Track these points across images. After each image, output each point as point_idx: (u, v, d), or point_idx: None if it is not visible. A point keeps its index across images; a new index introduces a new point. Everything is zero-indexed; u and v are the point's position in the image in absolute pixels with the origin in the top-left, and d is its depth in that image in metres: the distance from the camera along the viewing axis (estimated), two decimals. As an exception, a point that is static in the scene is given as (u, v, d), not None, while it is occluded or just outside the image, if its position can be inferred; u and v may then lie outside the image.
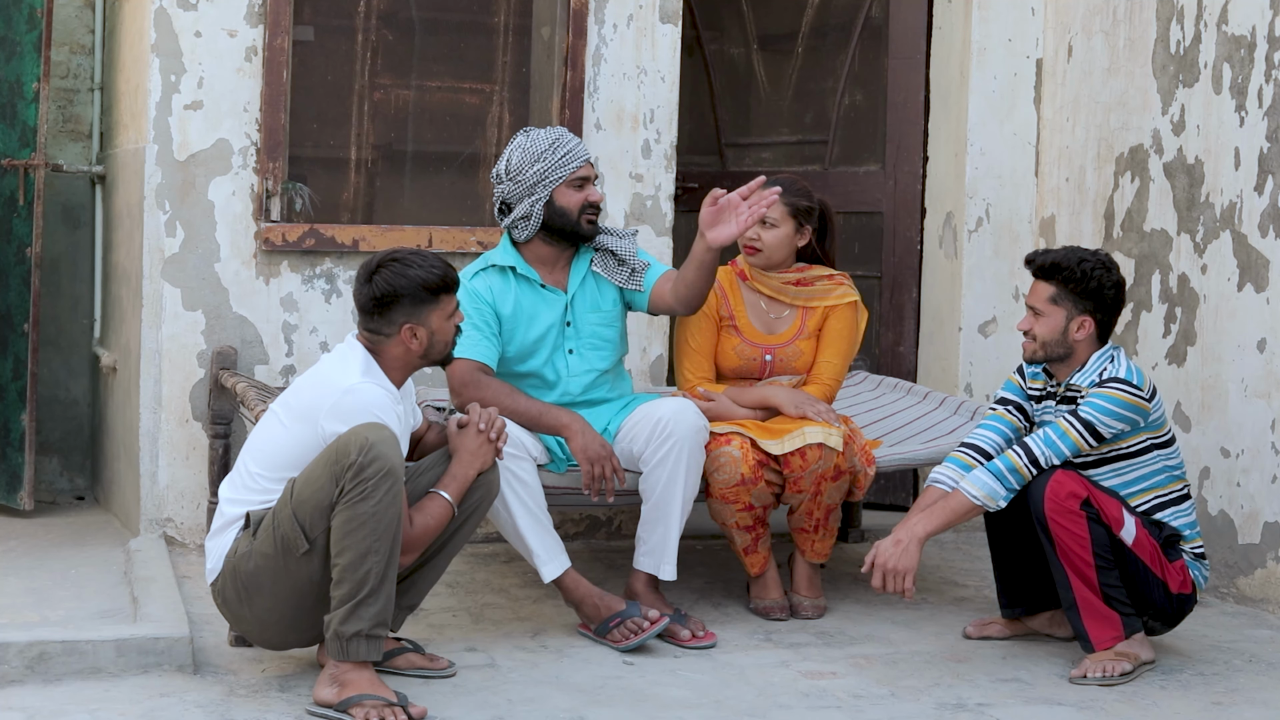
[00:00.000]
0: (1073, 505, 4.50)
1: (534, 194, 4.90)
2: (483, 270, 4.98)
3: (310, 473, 4.10)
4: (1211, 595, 5.42)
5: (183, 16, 5.50)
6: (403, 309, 4.23)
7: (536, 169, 4.89)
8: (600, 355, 5.02)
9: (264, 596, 4.15)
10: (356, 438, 4.03)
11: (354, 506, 4.02)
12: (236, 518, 4.22)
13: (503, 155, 4.96)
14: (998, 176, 6.37)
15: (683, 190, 6.54)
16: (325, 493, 4.05)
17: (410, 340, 4.25)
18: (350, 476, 4.01)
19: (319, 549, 4.09)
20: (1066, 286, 4.66)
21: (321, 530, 4.07)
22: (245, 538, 4.17)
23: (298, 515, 4.07)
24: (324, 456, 4.08)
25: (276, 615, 4.18)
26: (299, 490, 4.09)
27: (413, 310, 4.24)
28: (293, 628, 4.23)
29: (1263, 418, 5.27)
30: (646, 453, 4.84)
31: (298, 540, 4.07)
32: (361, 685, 4.05)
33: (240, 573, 4.16)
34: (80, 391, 6.65)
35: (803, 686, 4.45)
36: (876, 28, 6.61)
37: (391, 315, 4.23)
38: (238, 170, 5.57)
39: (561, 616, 4.96)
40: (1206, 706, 4.38)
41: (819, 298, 5.24)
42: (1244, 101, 5.38)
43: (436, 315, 4.27)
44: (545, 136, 4.93)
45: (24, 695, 4.13)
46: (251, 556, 4.13)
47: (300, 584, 4.13)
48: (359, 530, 4.02)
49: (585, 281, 5.01)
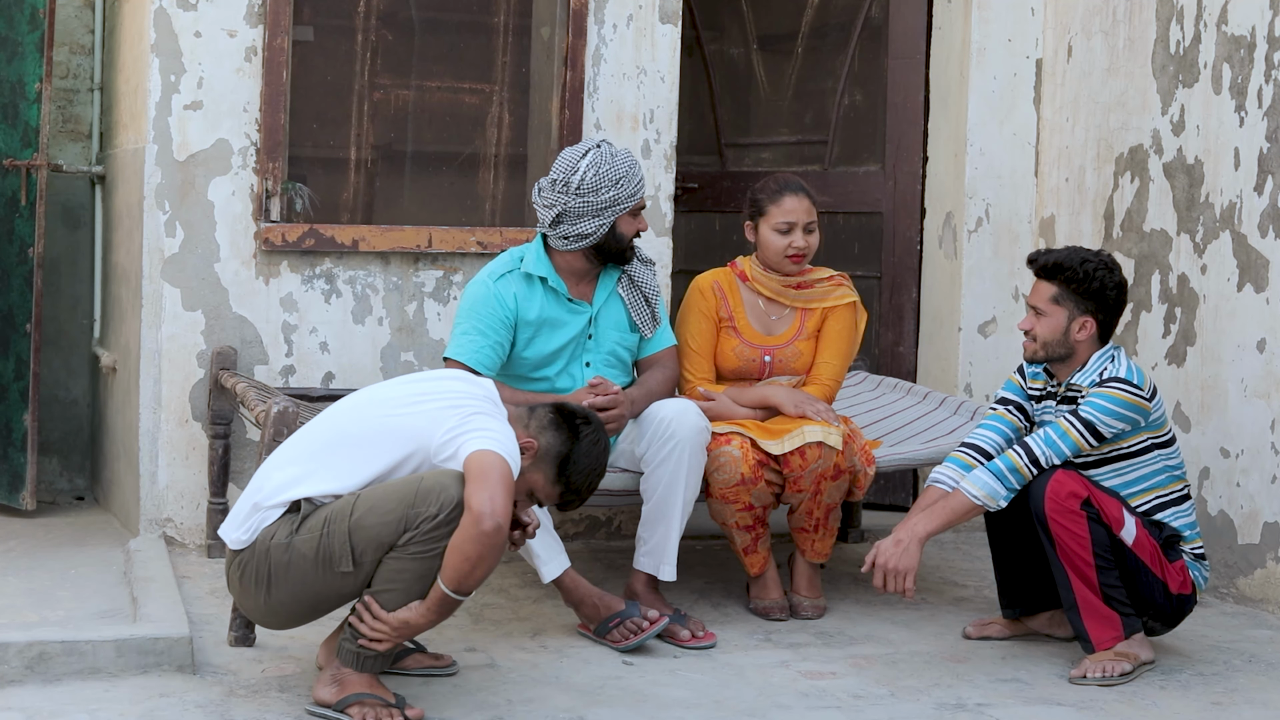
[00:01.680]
0: (1073, 505, 4.50)
1: (601, 217, 4.88)
2: (510, 273, 4.95)
3: (380, 502, 3.96)
4: (1211, 595, 5.42)
5: (182, 16, 5.50)
6: (546, 455, 4.13)
7: (611, 194, 4.87)
8: (614, 373, 5.02)
9: (284, 590, 4.04)
10: (443, 491, 3.91)
11: (415, 560, 3.92)
12: (293, 500, 4.05)
13: (570, 163, 4.89)
14: (997, 176, 6.37)
15: (682, 190, 6.55)
16: (390, 530, 3.93)
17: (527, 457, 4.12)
18: (423, 531, 3.90)
19: (363, 574, 3.99)
20: (1068, 286, 4.66)
21: (372, 560, 3.97)
22: (287, 525, 4.02)
23: (353, 537, 3.95)
24: (400, 492, 3.95)
25: (288, 610, 4.10)
26: (363, 514, 3.95)
27: (537, 463, 4.13)
28: (297, 620, 4.17)
29: (1262, 418, 5.27)
30: (649, 453, 4.84)
31: (344, 560, 3.96)
32: (360, 685, 4.04)
33: (271, 560, 4.02)
34: (80, 392, 6.65)
35: (802, 686, 4.45)
36: (876, 28, 6.61)
37: (542, 441, 4.13)
38: (237, 170, 5.57)
39: (561, 616, 4.96)
40: (1206, 706, 4.38)
41: (818, 299, 5.24)
42: (1244, 102, 5.38)
43: (546, 478, 4.16)
44: (624, 161, 4.91)
45: (24, 695, 4.13)
46: (289, 550, 4.00)
47: (328, 594, 4.05)
48: (412, 583, 3.94)
49: (611, 298, 5.01)
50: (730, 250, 5.74)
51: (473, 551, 3.85)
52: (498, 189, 5.92)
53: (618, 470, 4.95)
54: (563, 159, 4.94)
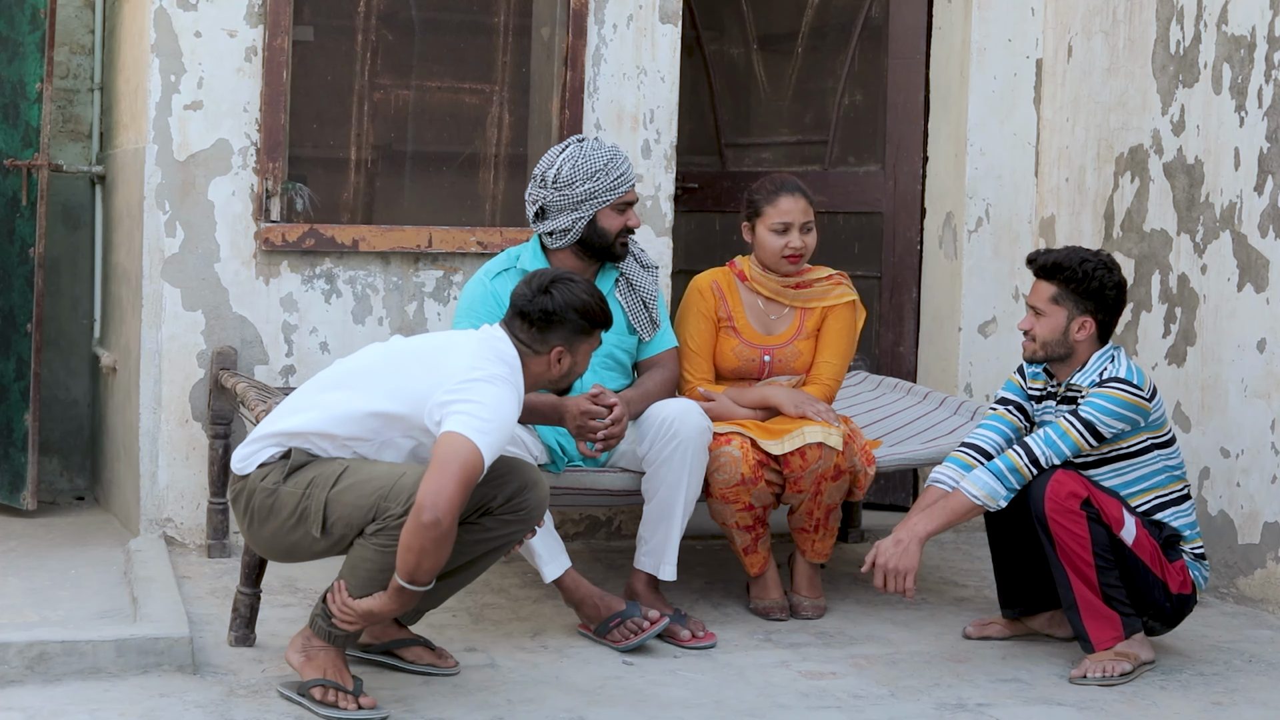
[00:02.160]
0: (1073, 505, 4.50)
1: (578, 211, 4.88)
2: (506, 271, 4.96)
3: (363, 483, 4.03)
4: (1211, 595, 5.42)
5: (183, 16, 5.50)
6: (563, 332, 4.19)
7: (587, 187, 4.87)
8: (613, 375, 5.02)
9: (265, 529, 4.15)
10: (413, 488, 3.95)
11: (376, 552, 4.00)
12: (284, 432, 4.14)
13: (550, 159, 4.92)
14: (998, 176, 6.37)
15: (683, 190, 6.54)
16: (360, 515, 4.02)
17: (555, 364, 4.22)
18: (388, 527, 3.98)
19: (330, 542, 4.09)
20: (1068, 287, 4.66)
21: (340, 535, 4.06)
22: (278, 472, 4.11)
23: (328, 508, 4.04)
24: (382, 481, 4.01)
25: (268, 546, 4.21)
26: (343, 489, 4.04)
27: (570, 336, 4.21)
28: (277, 558, 4.29)
29: (1263, 418, 5.27)
30: (650, 453, 4.84)
31: (315, 525, 4.06)
32: (324, 666, 4.11)
33: (257, 500, 4.13)
34: (80, 392, 6.65)
35: (802, 686, 4.45)
36: (876, 28, 6.61)
37: (550, 334, 4.19)
38: (238, 170, 5.57)
39: (561, 616, 4.96)
40: (1206, 706, 4.38)
41: (817, 298, 5.24)
42: (1244, 101, 5.38)
43: (585, 348, 4.26)
44: (601, 154, 4.90)
45: (24, 695, 4.13)
46: (273, 496, 4.10)
47: (302, 547, 4.15)
48: (374, 573, 4.01)
49: (609, 299, 5.01)
50: (730, 250, 5.74)
51: (413, 543, 3.88)
52: (498, 189, 5.92)
53: (619, 470, 4.95)
54: (545, 156, 4.98)
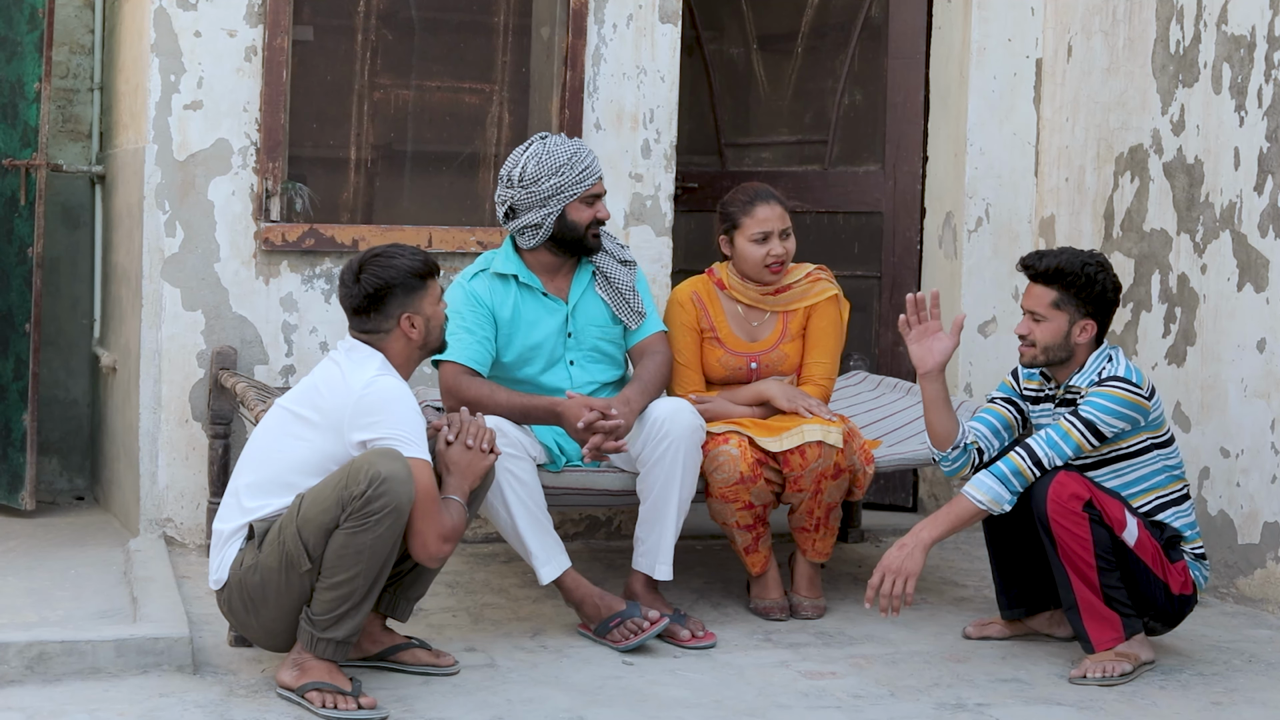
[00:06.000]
0: (1075, 506, 4.50)
1: (546, 206, 4.89)
2: (481, 273, 4.97)
3: (319, 493, 4.09)
4: (1211, 595, 5.42)
5: (182, 16, 5.50)
6: (396, 300, 4.24)
7: (552, 183, 4.87)
8: (601, 368, 5.02)
9: (269, 608, 4.16)
10: (370, 468, 4.02)
11: (354, 536, 4.03)
12: (240, 529, 4.21)
13: (514, 159, 4.92)
14: (997, 176, 6.37)
15: (682, 190, 6.54)
16: (330, 515, 4.05)
17: (410, 330, 4.26)
18: (356, 507, 4.02)
19: (321, 568, 4.10)
20: (1070, 291, 4.64)
21: (323, 551, 4.07)
22: (250, 550, 4.17)
23: (302, 534, 4.07)
24: (335, 479, 4.07)
25: (283, 624, 4.20)
26: (306, 509, 4.09)
27: (406, 300, 4.25)
28: (294, 632, 4.23)
29: (1262, 418, 5.27)
30: (644, 453, 4.84)
31: (301, 559, 4.07)
32: (320, 673, 4.12)
33: (246, 585, 4.17)
34: (80, 391, 6.65)
35: (802, 686, 4.45)
36: (876, 28, 6.61)
37: (387, 309, 4.24)
38: (237, 170, 5.57)
39: (561, 616, 4.96)
40: (1206, 706, 4.38)
41: (798, 299, 5.22)
42: (1244, 101, 5.38)
43: (428, 301, 4.29)
44: (564, 149, 4.90)
45: (24, 695, 4.13)
46: (257, 569, 4.14)
47: (304, 597, 4.14)
48: (354, 557, 4.05)
49: (587, 293, 5.01)
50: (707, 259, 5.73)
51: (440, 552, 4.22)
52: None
53: (615, 470, 4.95)
54: (510, 157, 4.98)
